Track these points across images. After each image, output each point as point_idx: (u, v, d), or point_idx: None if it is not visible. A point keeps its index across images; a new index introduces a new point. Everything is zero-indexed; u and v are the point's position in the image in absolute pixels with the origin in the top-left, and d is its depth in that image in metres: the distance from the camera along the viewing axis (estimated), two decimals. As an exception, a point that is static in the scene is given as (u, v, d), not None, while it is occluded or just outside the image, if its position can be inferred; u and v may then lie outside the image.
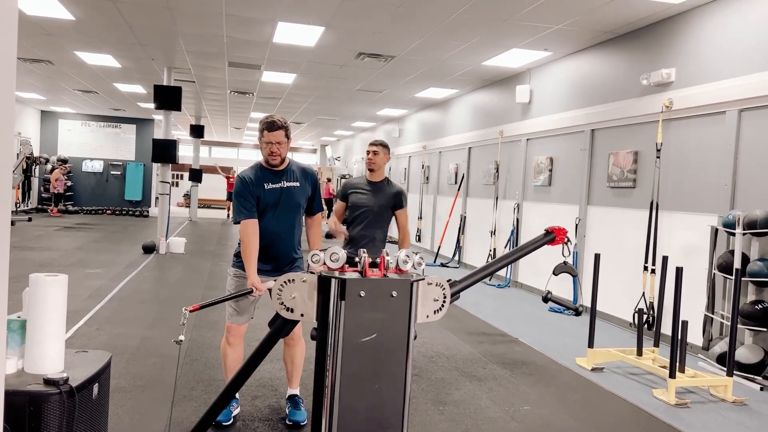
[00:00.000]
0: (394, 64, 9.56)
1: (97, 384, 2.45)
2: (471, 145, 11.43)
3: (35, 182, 19.59)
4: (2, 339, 1.39)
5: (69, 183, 19.40)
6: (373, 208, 4.32)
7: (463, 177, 11.67)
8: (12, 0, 1.31)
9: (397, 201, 4.40)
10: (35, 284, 2.38)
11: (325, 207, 24.98)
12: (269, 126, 3.36)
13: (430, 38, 7.89)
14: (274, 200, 3.42)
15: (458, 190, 11.77)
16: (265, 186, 3.41)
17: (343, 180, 11.71)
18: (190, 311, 2.57)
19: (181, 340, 2.55)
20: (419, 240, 14.15)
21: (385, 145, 4.48)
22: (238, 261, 3.45)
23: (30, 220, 15.81)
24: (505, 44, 7.99)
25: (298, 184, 3.49)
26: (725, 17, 5.67)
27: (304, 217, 3.64)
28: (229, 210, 18.08)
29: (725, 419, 4.09)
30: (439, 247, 12.26)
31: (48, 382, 2.23)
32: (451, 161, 12.45)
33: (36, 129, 20.31)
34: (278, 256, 3.47)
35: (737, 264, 4.91)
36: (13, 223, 14.16)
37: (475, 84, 10.97)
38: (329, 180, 24.15)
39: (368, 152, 4.45)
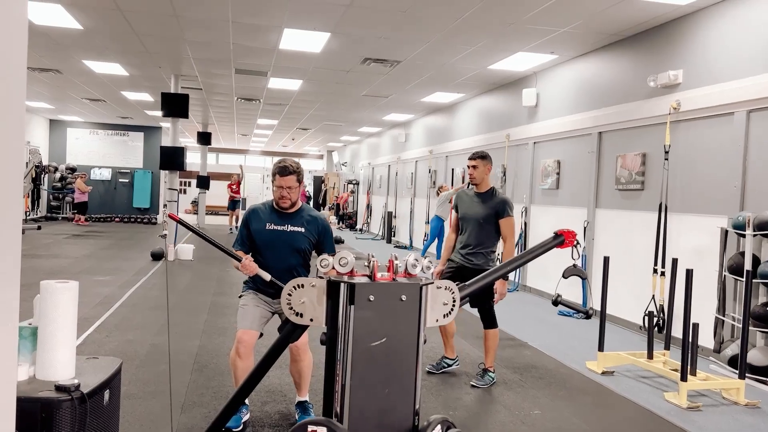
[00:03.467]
0: (399, 69, 9.57)
1: (108, 390, 2.46)
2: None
3: (44, 191, 19.71)
4: (14, 346, 1.39)
5: (90, 188, 19.40)
6: (478, 219, 4.49)
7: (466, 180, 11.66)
8: (22, 11, 1.33)
9: (499, 209, 4.47)
10: (46, 291, 2.39)
11: (328, 211, 25.01)
12: (281, 171, 3.45)
13: (435, 43, 7.90)
14: (272, 240, 3.49)
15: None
16: (267, 226, 3.51)
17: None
18: (169, 216, 2.93)
19: (164, 235, 2.83)
20: (427, 244, 14.12)
21: (483, 156, 4.62)
22: (245, 287, 3.61)
23: (39, 228, 15.89)
24: (511, 48, 7.98)
25: (302, 230, 3.53)
26: (732, 18, 5.65)
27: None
28: (230, 221, 18.00)
29: (738, 422, 4.05)
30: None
31: (59, 388, 2.24)
32: (457, 165, 12.44)
33: (45, 138, 20.44)
34: (278, 290, 3.52)
35: (748, 266, 4.88)
36: (22, 231, 14.23)
37: (481, 88, 10.97)
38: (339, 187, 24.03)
39: (468, 167, 4.63)
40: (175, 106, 10.98)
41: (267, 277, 3.35)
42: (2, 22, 1.22)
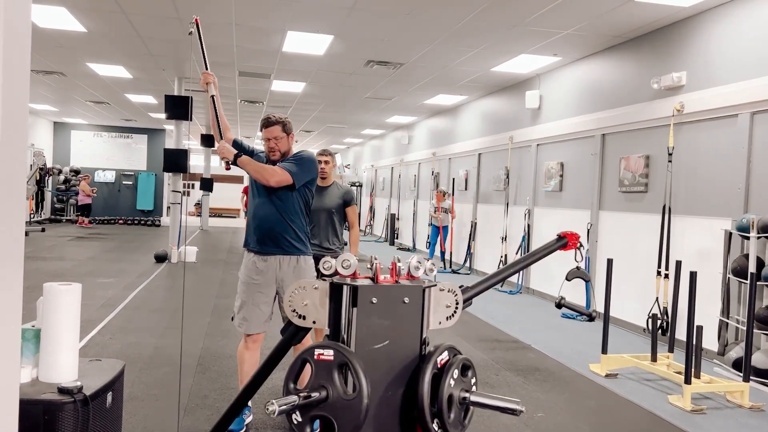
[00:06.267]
0: (402, 71, 9.58)
1: (110, 392, 2.46)
2: (481, 151, 11.42)
3: (48, 193, 19.77)
4: (17, 348, 1.39)
5: (94, 189, 19.46)
6: (329, 210, 4.64)
7: (464, 182, 11.65)
8: (26, 13, 1.33)
9: (347, 198, 4.70)
10: (49, 293, 2.40)
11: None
12: (265, 123, 3.49)
13: (438, 45, 7.91)
14: (257, 186, 3.48)
15: (439, 191, 11.76)
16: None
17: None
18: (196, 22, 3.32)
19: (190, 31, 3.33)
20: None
21: (332, 153, 4.83)
22: (246, 242, 3.54)
23: (43, 230, 15.94)
24: (514, 50, 7.98)
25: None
26: (736, 20, 5.64)
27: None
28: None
29: (742, 425, 4.04)
30: (451, 252, 12.22)
31: (62, 390, 2.24)
32: (461, 168, 12.44)
33: (49, 140, 20.51)
34: (264, 236, 3.45)
35: (752, 268, 4.87)
36: (26, 233, 14.29)
37: (484, 90, 10.97)
38: None
39: (322, 162, 4.67)
40: (178, 108, 10.97)
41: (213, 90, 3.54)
42: (6, 25, 1.22)
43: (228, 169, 3.44)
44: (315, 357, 1.91)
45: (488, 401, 1.94)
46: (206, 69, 3.53)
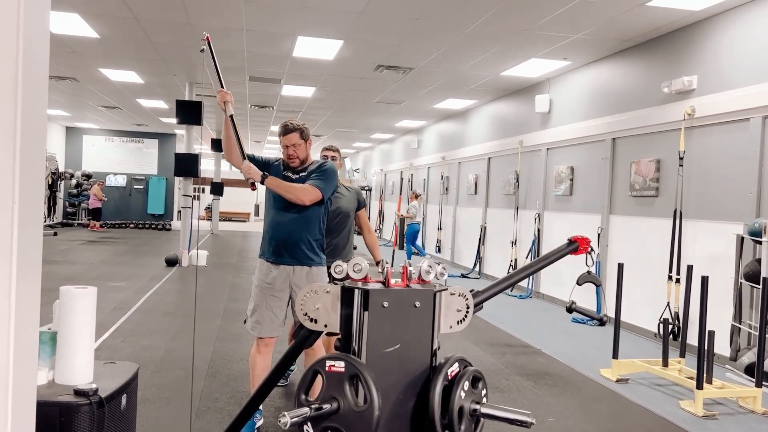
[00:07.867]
0: (412, 75, 9.60)
1: (125, 395, 2.49)
2: (490, 155, 11.41)
3: (60, 197, 19.93)
4: (34, 350, 1.42)
5: (105, 197, 19.68)
6: (348, 213, 4.39)
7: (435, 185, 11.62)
8: (44, 24, 1.36)
9: (359, 199, 4.53)
10: (66, 297, 2.43)
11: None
12: (283, 130, 3.48)
13: (448, 50, 7.92)
14: (276, 194, 3.45)
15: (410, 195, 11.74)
16: (280, 172, 3.49)
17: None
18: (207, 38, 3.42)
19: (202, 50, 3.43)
20: (439, 251, 14.11)
21: (338, 150, 4.61)
22: (262, 252, 3.53)
23: (55, 234, 16.08)
24: (524, 54, 7.98)
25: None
26: (747, 24, 5.62)
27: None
28: None
29: (755, 431, 4.01)
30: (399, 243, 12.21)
31: (78, 392, 2.27)
32: (470, 172, 12.43)
33: (61, 145, 20.69)
34: (280, 246, 3.45)
35: (764, 273, 4.83)
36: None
37: (493, 94, 10.97)
38: None
39: (326, 157, 4.43)
40: (189, 113, 11.05)
41: (230, 109, 3.38)
42: (27, 34, 1.25)
43: (254, 189, 3.36)
44: (326, 369, 1.92)
45: (499, 413, 1.95)
46: (222, 87, 3.46)
